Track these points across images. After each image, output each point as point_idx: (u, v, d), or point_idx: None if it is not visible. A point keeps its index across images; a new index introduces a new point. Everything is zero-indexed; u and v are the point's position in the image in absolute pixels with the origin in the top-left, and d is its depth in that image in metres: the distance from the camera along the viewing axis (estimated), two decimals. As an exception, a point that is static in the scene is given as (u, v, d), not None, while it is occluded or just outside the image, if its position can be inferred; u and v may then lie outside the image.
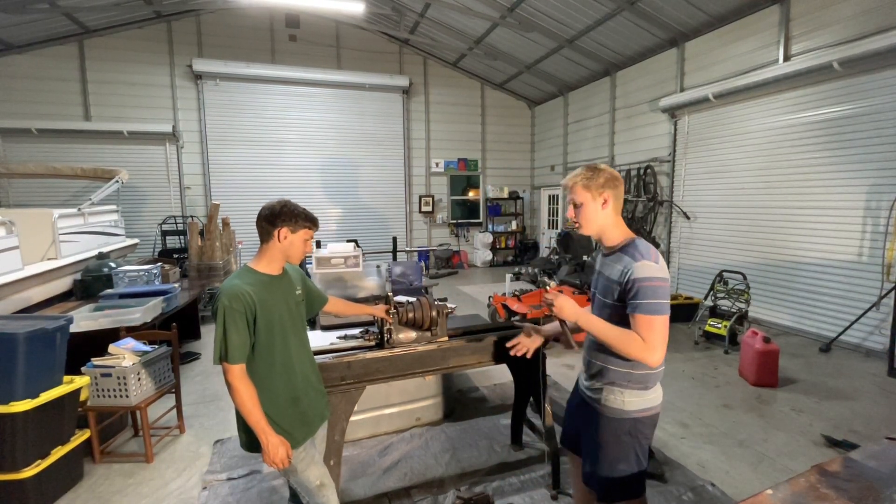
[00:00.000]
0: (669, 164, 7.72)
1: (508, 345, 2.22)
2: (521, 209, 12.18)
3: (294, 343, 1.86)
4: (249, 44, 9.77)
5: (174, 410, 3.54)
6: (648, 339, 1.56)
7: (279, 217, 1.77)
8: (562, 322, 1.81)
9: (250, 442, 1.80)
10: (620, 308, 1.64)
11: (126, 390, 3.01)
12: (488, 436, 3.36)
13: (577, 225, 1.76)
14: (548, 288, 1.86)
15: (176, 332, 3.36)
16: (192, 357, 5.08)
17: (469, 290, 8.73)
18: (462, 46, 10.10)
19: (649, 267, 1.58)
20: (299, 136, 10.17)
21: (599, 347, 1.73)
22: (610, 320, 1.67)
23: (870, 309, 4.93)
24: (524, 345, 2.18)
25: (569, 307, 1.72)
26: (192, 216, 8.94)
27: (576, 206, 1.74)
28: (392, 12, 9.60)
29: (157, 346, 3.38)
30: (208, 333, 5.77)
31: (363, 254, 4.12)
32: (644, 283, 1.56)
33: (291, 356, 1.84)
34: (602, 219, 1.72)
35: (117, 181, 7.03)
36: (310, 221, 1.84)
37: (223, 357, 1.67)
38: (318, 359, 2.34)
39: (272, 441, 1.70)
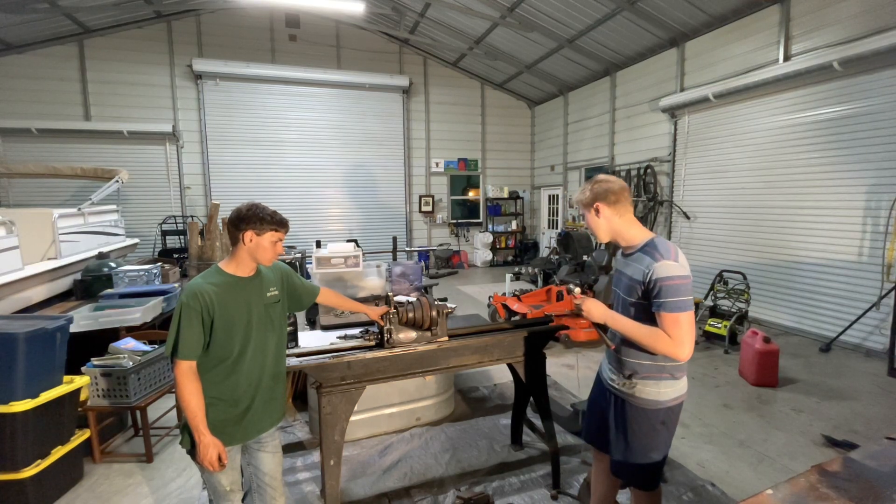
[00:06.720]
0: (669, 163, 7.72)
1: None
2: (521, 209, 12.18)
3: (253, 346, 1.84)
4: (249, 44, 9.77)
5: (174, 410, 3.54)
6: (675, 336, 1.64)
7: (244, 220, 1.77)
8: (595, 324, 1.86)
9: (192, 444, 1.76)
10: (645, 306, 1.71)
11: (126, 390, 3.01)
12: (488, 436, 3.36)
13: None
14: (575, 293, 1.90)
15: (176, 332, 3.35)
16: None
17: (469, 290, 8.73)
18: (462, 46, 10.09)
19: (670, 266, 1.65)
20: (299, 136, 10.17)
21: (632, 345, 1.78)
22: (635, 318, 1.75)
23: (870, 309, 4.93)
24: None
25: (597, 310, 1.80)
26: (192, 216, 8.95)
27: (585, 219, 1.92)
28: (392, 12, 9.60)
29: (157, 346, 3.38)
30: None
31: (363, 254, 4.11)
32: (666, 283, 1.63)
33: (245, 358, 1.82)
34: (605, 225, 1.83)
35: (117, 181, 7.03)
36: (277, 224, 1.82)
37: (174, 353, 1.70)
38: (318, 359, 2.34)
39: (204, 441, 1.70)
